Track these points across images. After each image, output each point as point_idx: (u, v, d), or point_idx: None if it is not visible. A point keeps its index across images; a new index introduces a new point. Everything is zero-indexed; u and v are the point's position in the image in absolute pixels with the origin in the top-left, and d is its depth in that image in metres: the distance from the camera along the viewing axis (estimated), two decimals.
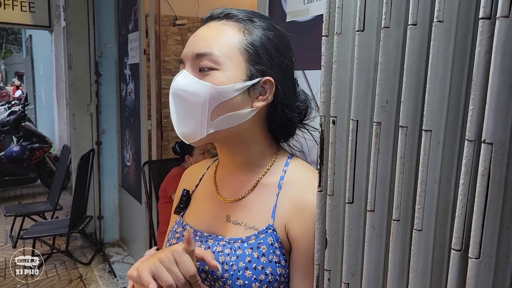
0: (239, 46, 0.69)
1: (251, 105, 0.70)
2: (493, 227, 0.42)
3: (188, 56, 0.70)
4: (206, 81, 0.67)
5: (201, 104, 0.67)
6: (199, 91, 0.67)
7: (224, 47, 0.68)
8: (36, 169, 5.21)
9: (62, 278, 3.14)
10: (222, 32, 0.70)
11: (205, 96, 0.66)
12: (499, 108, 0.40)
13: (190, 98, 0.67)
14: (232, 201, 0.76)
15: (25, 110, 5.67)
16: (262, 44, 0.70)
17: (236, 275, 0.67)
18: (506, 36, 0.39)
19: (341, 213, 0.60)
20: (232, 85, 0.67)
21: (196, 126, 0.68)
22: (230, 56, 0.68)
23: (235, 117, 0.69)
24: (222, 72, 0.67)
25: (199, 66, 0.69)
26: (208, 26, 0.72)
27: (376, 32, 0.54)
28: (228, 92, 0.67)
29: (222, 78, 0.67)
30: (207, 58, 0.68)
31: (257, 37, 0.70)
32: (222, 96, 0.67)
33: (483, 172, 0.42)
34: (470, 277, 0.43)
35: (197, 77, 0.68)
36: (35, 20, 5.13)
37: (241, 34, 0.69)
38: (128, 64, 3.32)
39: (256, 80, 0.69)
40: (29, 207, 4.01)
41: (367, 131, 0.56)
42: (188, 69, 0.70)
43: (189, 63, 0.70)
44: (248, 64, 0.69)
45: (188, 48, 0.71)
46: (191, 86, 0.68)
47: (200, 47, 0.69)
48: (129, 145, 3.45)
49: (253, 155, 0.75)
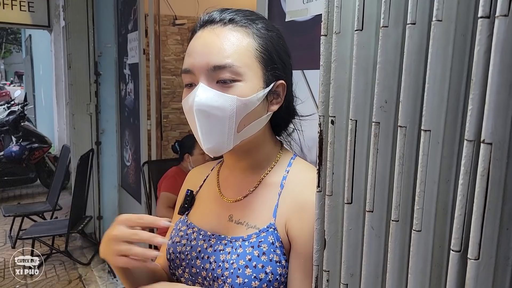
0: (254, 53, 0.68)
1: (267, 110, 0.70)
2: (492, 227, 0.42)
3: (201, 68, 0.66)
4: (231, 94, 0.65)
5: (227, 117, 0.65)
6: (225, 104, 0.65)
7: (243, 57, 0.66)
8: (36, 169, 5.20)
9: (62, 279, 3.13)
10: (236, 40, 0.67)
11: (232, 109, 0.65)
12: (498, 108, 0.40)
13: (216, 112, 0.65)
14: (234, 201, 0.76)
15: (25, 110, 5.67)
16: (273, 48, 0.70)
17: (236, 273, 0.67)
18: (506, 35, 0.39)
19: (340, 214, 0.60)
20: (256, 95, 0.67)
21: (223, 139, 0.66)
22: (250, 66, 0.67)
23: (256, 124, 0.69)
24: (245, 83, 0.66)
25: (217, 78, 0.66)
26: (215, 32, 0.68)
27: (375, 31, 0.53)
28: (253, 102, 0.66)
29: (246, 89, 0.66)
30: (228, 70, 0.65)
31: (267, 41, 0.69)
32: (248, 107, 0.66)
33: (483, 172, 0.41)
34: (470, 278, 0.43)
35: (217, 89, 0.66)
36: (34, 20, 5.14)
37: (253, 40, 0.68)
38: (127, 64, 3.31)
39: (272, 84, 0.69)
40: (28, 207, 4.00)
41: (366, 131, 0.55)
42: (204, 82, 0.66)
43: (204, 76, 0.66)
44: (265, 70, 0.68)
45: (200, 59, 0.67)
46: (215, 101, 0.65)
47: (217, 59, 0.65)
48: (128, 145, 3.44)
49: (260, 158, 0.76)
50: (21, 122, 5.36)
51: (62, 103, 5.82)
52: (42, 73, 7.70)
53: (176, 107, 3.95)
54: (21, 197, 5.13)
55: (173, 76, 3.83)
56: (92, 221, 3.65)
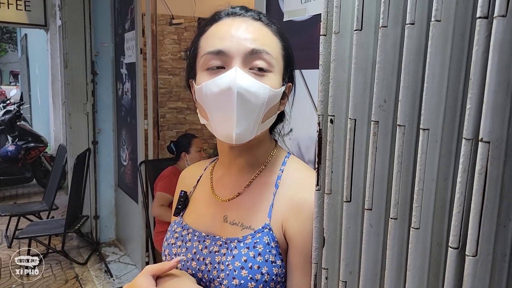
0: (280, 51, 0.71)
1: (278, 109, 0.73)
2: (490, 225, 0.43)
3: (240, 51, 0.66)
4: (265, 83, 0.66)
5: (259, 106, 0.65)
6: (260, 92, 0.65)
7: (275, 50, 0.69)
8: (32, 169, 5.18)
9: (58, 278, 3.12)
10: (268, 34, 0.70)
11: (264, 98, 0.65)
12: (496, 107, 0.41)
13: (251, 98, 0.64)
14: (228, 200, 0.76)
15: (20, 109, 5.64)
16: (290, 51, 0.73)
17: (232, 275, 0.67)
18: (503, 36, 0.40)
19: (339, 212, 0.60)
20: (280, 89, 0.69)
21: (249, 127, 0.66)
22: (278, 60, 0.69)
23: (272, 119, 0.71)
24: (274, 74, 0.68)
25: (251, 65, 0.66)
26: (249, 22, 0.69)
27: (374, 31, 0.54)
28: (278, 95, 0.69)
29: (275, 81, 0.68)
30: (263, 58, 0.66)
31: (286, 43, 0.73)
32: (275, 99, 0.68)
33: (480, 171, 0.42)
34: (467, 274, 0.44)
35: (252, 76, 0.66)
36: (30, 19, 5.11)
37: (278, 39, 0.71)
38: (124, 63, 3.31)
39: (285, 85, 0.72)
40: (24, 207, 3.98)
41: (365, 130, 0.56)
42: (241, 66, 0.66)
43: (240, 60, 0.66)
44: (284, 69, 0.71)
45: (239, 42, 0.66)
46: (252, 86, 0.65)
47: (258, 44, 0.66)
48: (125, 144, 3.44)
49: (258, 155, 0.76)
50: (17, 121, 5.33)
51: (58, 102, 5.80)
52: (38, 73, 7.66)
53: (173, 106, 3.95)
54: (17, 197, 5.10)
55: (170, 76, 3.82)
56: (89, 221, 3.64)
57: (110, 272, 3.18)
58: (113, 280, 3.09)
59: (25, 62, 8.78)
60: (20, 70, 10.44)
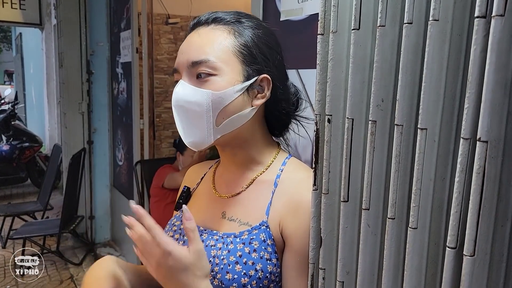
0: (232, 49, 0.70)
1: (251, 104, 0.72)
2: (487, 224, 0.43)
3: (183, 65, 0.70)
4: (206, 88, 0.68)
5: (204, 112, 0.68)
6: (201, 99, 0.67)
7: (219, 52, 0.69)
8: (26, 169, 5.14)
9: (53, 279, 3.10)
10: (214, 37, 0.70)
11: (208, 103, 0.67)
12: (494, 106, 0.41)
13: (193, 107, 0.68)
14: (228, 197, 0.77)
15: (15, 108, 5.60)
16: (255, 44, 0.72)
17: (226, 269, 0.68)
18: (501, 35, 0.40)
19: (336, 212, 0.60)
20: (232, 88, 0.68)
21: (202, 134, 0.69)
22: (226, 60, 0.69)
23: (238, 118, 0.70)
24: (220, 77, 0.68)
25: (196, 73, 0.69)
26: (198, 32, 0.72)
27: (371, 30, 0.54)
28: (229, 95, 0.68)
29: (222, 83, 0.68)
30: (204, 65, 0.68)
31: (248, 37, 0.71)
32: (224, 100, 0.68)
33: (478, 170, 0.42)
34: (465, 274, 0.43)
35: (195, 85, 0.69)
36: (25, 17, 5.08)
37: (232, 37, 0.71)
38: (120, 62, 3.29)
39: (254, 79, 0.70)
40: (19, 207, 3.96)
41: (363, 130, 0.56)
42: (185, 79, 0.70)
43: (185, 72, 0.70)
44: (243, 65, 0.70)
45: (182, 57, 0.71)
46: (191, 96, 0.68)
47: (195, 55, 0.69)
48: (121, 144, 3.42)
49: (253, 153, 0.77)
50: (12, 121, 5.29)
51: (53, 102, 5.76)
52: (32, 72, 7.62)
53: (169, 106, 3.93)
54: (11, 197, 5.07)
55: (166, 75, 3.81)
56: (84, 221, 3.62)
57: None
58: None
59: (19, 61, 8.72)
60: (15, 69, 10.37)
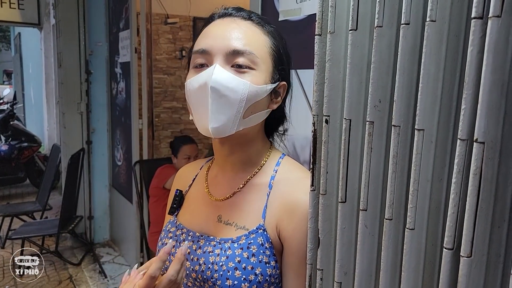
0: (269, 50, 0.72)
1: (268, 107, 0.73)
2: (484, 225, 0.43)
3: (221, 50, 0.68)
4: (245, 79, 0.67)
5: (238, 100, 0.67)
6: (238, 88, 0.66)
7: (260, 49, 0.70)
8: (25, 169, 5.13)
9: (52, 279, 3.10)
10: (256, 33, 0.71)
11: (244, 93, 0.67)
12: (491, 107, 0.41)
13: (228, 93, 0.66)
14: (222, 200, 0.76)
15: (14, 108, 5.59)
16: (283, 50, 0.74)
17: (225, 276, 0.67)
18: (498, 36, 0.40)
19: (334, 212, 0.60)
20: (265, 86, 0.69)
21: (229, 121, 0.67)
22: (264, 59, 0.70)
23: (259, 116, 0.71)
24: (258, 72, 0.69)
25: (233, 62, 0.68)
26: (237, 22, 0.71)
27: (369, 31, 0.54)
28: (263, 91, 0.69)
29: (259, 78, 0.69)
30: (247, 57, 0.68)
31: (279, 42, 0.74)
32: (258, 95, 0.68)
33: (475, 171, 0.42)
34: (462, 275, 0.44)
35: (232, 73, 0.68)
36: (24, 17, 5.07)
37: (268, 38, 0.72)
38: (119, 62, 3.29)
39: (277, 83, 0.72)
40: (17, 207, 3.95)
41: (360, 130, 0.56)
42: (221, 63, 0.68)
43: (222, 58, 0.68)
44: (274, 68, 0.72)
45: (221, 42, 0.69)
46: (229, 82, 0.66)
47: (240, 45, 0.68)
48: (120, 144, 3.42)
49: (251, 154, 0.76)
50: (10, 121, 5.28)
51: (52, 102, 5.76)
52: (31, 72, 7.60)
53: (168, 106, 3.93)
54: (10, 197, 5.06)
55: (165, 75, 3.81)
56: (83, 221, 3.61)
57: (104, 273, 3.16)
58: (107, 281, 3.07)
59: (18, 61, 8.70)
60: (14, 69, 10.34)
